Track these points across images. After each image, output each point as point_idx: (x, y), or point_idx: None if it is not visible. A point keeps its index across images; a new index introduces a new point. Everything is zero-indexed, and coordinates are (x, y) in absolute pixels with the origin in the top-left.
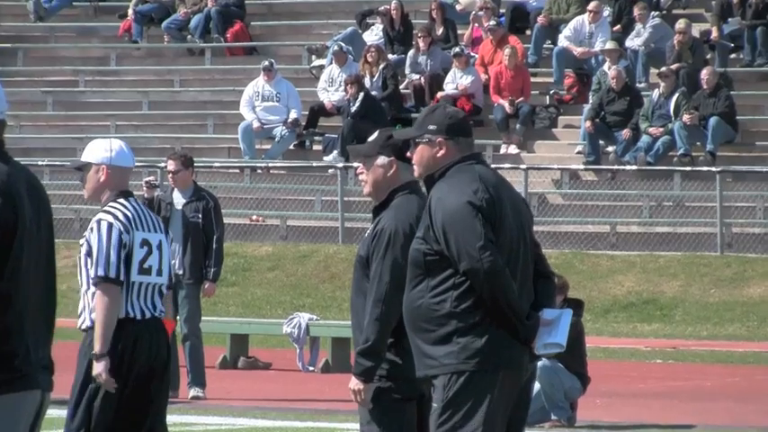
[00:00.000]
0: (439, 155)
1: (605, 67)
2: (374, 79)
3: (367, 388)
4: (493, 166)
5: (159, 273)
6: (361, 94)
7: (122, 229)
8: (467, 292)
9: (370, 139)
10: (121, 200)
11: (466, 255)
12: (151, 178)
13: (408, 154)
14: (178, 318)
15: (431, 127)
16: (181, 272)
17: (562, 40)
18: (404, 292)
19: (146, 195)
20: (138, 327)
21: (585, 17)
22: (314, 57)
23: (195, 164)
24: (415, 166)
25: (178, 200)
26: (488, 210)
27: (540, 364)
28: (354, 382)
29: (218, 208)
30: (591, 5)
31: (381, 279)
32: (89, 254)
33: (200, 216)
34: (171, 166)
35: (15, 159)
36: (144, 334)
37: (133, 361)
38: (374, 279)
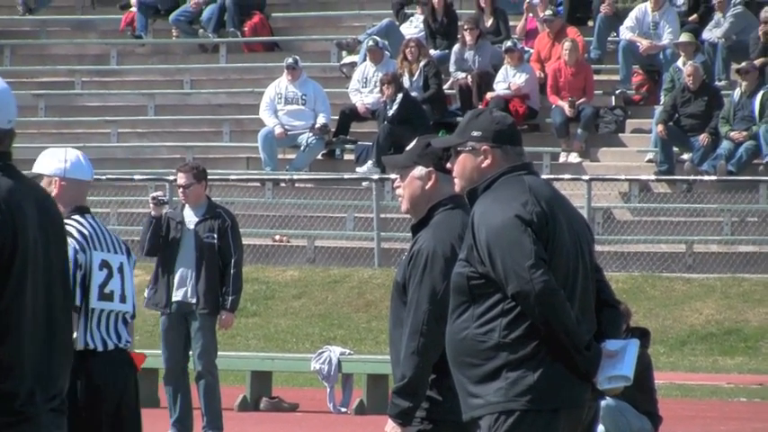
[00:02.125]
0: (484, 165)
1: (679, 62)
2: (414, 78)
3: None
4: (551, 176)
5: (123, 299)
6: (400, 96)
7: (77, 248)
8: (517, 318)
9: (408, 147)
10: (77, 216)
11: (514, 275)
12: (159, 194)
13: (449, 164)
14: (191, 353)
15: (475, 133)
16: (194, 300)
17: (625, 32)
18: (445, 323)
19: (153, 213)
20: (100, 360)
21: (648, 5)
22: (344, 53)
23: (209, 176)
24: (456, 179)
25: (190, 218)
26: (539, 225)
27: (603, 403)
28: (391, 426)
29: (236, 227)
30: None
31: (419, 307)
32: None
33: (215, 236)
34: (181, 179)
35: (23, 173)
36: (107, 368)
37: (95, 401)
38: (410, 307)
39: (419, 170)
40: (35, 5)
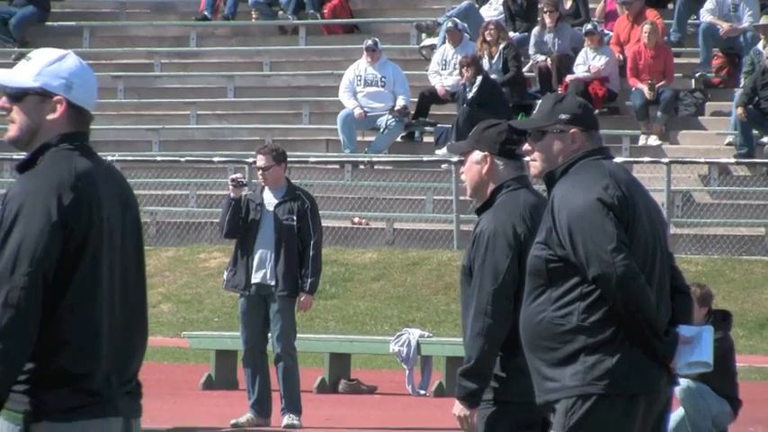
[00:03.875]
0: (572, 148)
1: (759, 45)
2: (493, 61)
3: (473, 413)
4: (630, 159)
5: None
6: (479, 78)
7: None
8: (596, 302)
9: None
10: None
11: (596, 258)
12: (238, 175)
13: (526, 147)
14: (269, 335)
15: (563, 116)
16: (273, 282)
17: (705, 15)
18: (508, 303)
19: (232, 195)
20: None
21: None
22: (424, 35)
23: (288, 159)
24: (536, 161)
25: (269, 200)
26: (621, 209)
27: (683, 385)
28: (459, 408)
29: (316, 209)
30: None
31: (482, 288)
32: None
33: (294, 218)
34: (261, 161)
35: (99, 154)
36: None
37: None
38: (474, 289)
39: (476, 154)
40: None
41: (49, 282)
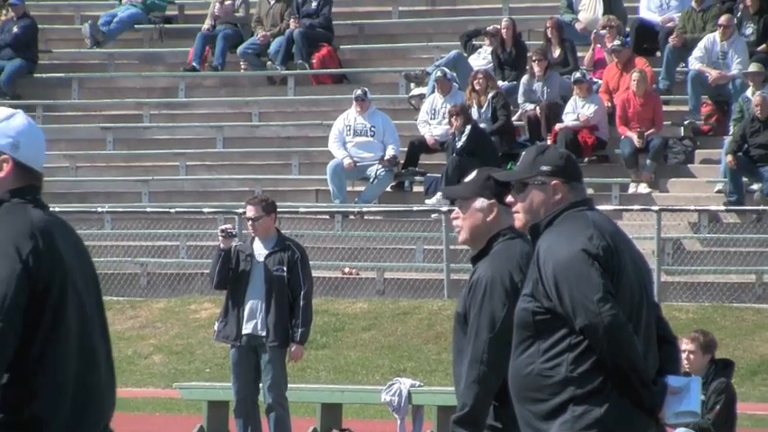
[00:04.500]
0: (553, 200)
1: (748, 92)
2: (482, 110)
3: None
4: (620, 207)
5: None
6: (468, 127)
7: None
8: (584, 353)
9: (467, 179)
10: None
11: (582, 308)
12: (228, 226)
13: (510, 199)
14: (261, 385)
15: (544, 168)
16: (264, 333)
17: (693, 62)
18: (504, 351)
19: (222, 246)
20: None
21: (716, 34)
22: (413, 85)
23: (278, 209)
24: (519, 213)
25: (259, 251)
26: (606, 259)
27: None
28: None
29: (306, 259)
30: (721, 19)
31: (479, 336)
32: None
33: (284, 269)
34: (251, 212)
35: (71, 205)
36: None
37: None
38: (470, 336)
39: (481, 202)
40: (103, 39)
41: (18, 331)
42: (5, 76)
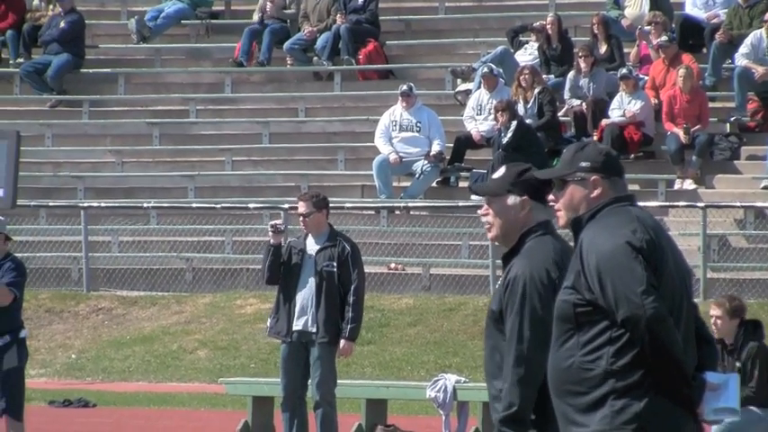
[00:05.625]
0: (593, 195)
1: None
2: (528, 105)
3: None
4: (666, 203)
5: None
6: (514, 123)
7: None
8: (625, 346)
9: (497, 175)
10: None
11: (625, 300)
12: (277, 222)
13: (551, 196)
14: (309, 382)
15: (583, 164)
16: (314, 329)
17: (740, 59)
18: (546, 349)
19: (271, 242)
20: None
21: (763, 31)
22: (459, 80)
23: None
24: (560, 210)
25: (311, 246)
26: (649, 253)
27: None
28: None
29: (357, 255)
30: (767, 15)
31: (521, 334)
32: None
33: (334, 264)
34: (302, 208)
35: (116, 200)
36: None
37: None
38: (512, 336)
39: (513, 198)
40: (149, 34)
41: None
42: (52, 71)
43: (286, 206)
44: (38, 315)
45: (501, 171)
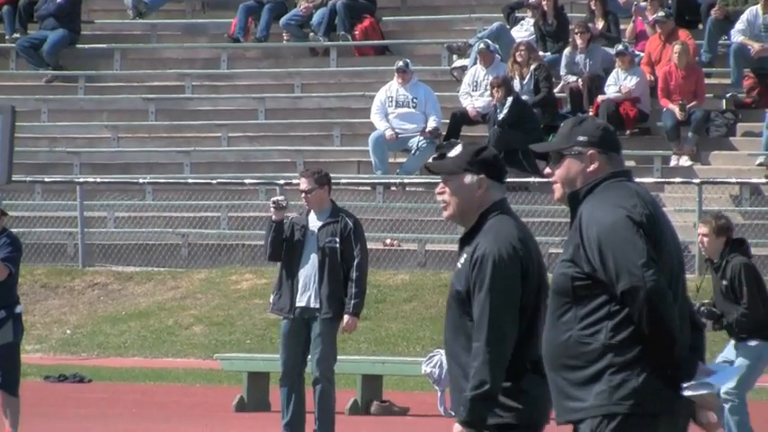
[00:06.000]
0: (590, 170)
1: None
2: (524, 81)
3: None
4: (662, 180)
5: None
6: (510, 99)
7: None
8: (624, 321)
9: (453, 153)
10: None
11: (626, 272)
12: (280, 198)
13: (547, 170)
14: (309, 358)
15: (581, 138)
16: (317, 305)
17: (736, 35)
18: (516, 326)
19: (274, 218)
20: None
21: (759, 7)
22: (455, 56)
23: None
24: (557, 184)
25: (313, 223)
26: (649, 227)
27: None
28: (460, 430)
29: (360, 230)
30: None
31: (493, 313)
32: None
33: (337, 240)
34: (303, 184)
35: (112, 176)
36: None
37: None
38: (483, 314)
39: (470, 177)
40: (145, 10)
41: None
42: (48, 46)
43: (282, 182)
44: (33, 290)
45: (458, 149)
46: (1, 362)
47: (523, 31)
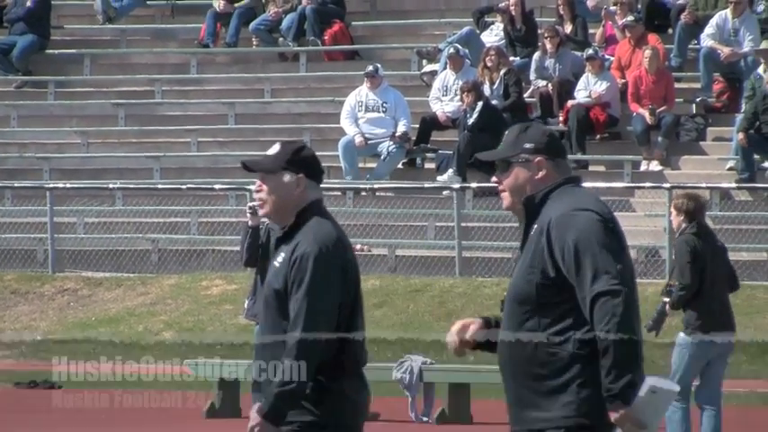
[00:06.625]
0: (538, 177)
1: (760, 70)
2: (494, 86)
3: None
4: (632, 184)
5: None
6: (480, 104)
7: None
8: (591, 331)
9: (272, 151)
10: None
11: (605, 275)
12: (256, 203)
13: (494, 179)
14: None
15: (527, 145)
16: None
17: (705, 40)
18: (332, 327)
19: (249, 223)
20: None
21: (728, 11)
22: (425, 61)
23: None
24: (505, 193)
25: None
26: (617, 230)
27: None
28: (260, 423)
29: None
30: None
31: (311, 311)
32: None
33: None
34: None
35: (82, 181)
36: None
37: None
38: (300, 312)
39: (288, 176)
40: (115, 15)
41: None
42: (18, 51)
43: (252, 187)
44: (3, 296)
45: (276, 148)
46: None
47: (493, 36)
